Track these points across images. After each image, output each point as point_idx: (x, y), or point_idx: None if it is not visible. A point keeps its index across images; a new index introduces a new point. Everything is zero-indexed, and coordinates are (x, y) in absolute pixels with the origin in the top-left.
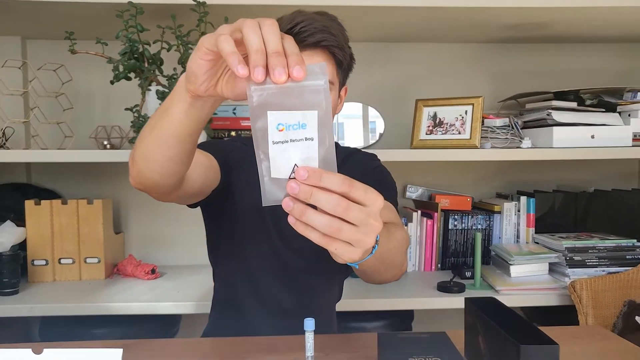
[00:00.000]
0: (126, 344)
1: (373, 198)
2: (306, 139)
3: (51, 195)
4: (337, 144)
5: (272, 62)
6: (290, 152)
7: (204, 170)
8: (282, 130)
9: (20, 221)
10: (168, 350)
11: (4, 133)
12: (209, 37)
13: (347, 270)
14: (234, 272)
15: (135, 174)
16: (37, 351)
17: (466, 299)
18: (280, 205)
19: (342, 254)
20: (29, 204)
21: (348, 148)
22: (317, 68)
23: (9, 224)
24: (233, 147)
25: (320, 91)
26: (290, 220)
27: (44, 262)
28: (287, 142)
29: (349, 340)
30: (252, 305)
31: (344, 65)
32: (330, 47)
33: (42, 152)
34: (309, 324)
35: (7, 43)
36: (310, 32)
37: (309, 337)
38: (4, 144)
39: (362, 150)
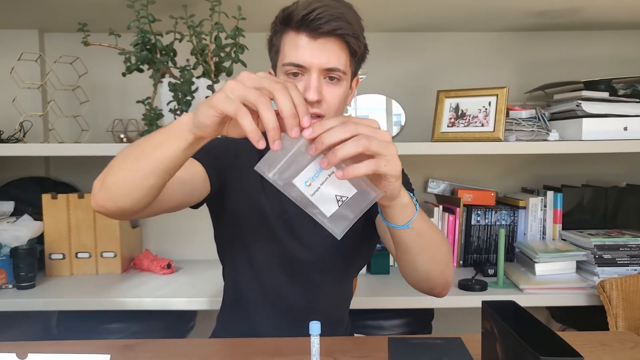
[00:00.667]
0: (128, 344)
1: (367, 120)
2: (329, 175)
3: (69, 189)
4: None
5: (288, 123)
6: (326, 192)
7: (182, 187)
8: (310, 184)
9: (38, 215)
10: (172, 351)
11: (22, 126)
12: (222, 98)
13: (358, 267)
14: (240, 270)
15: (104, 198)
16: (22, 356)
17: (483, 302)
18: (287, 205)
19: (389, 167)
20: (46, 198)
21: None
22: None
23: (26, 217)
24: (226, 148)
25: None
26: (338, 174)
27: (61, 256)
28: (319, 188)
29: (359, 344)
30: (259, 305)
31: (357, 55)
32: (345, 36)
33: (59, 146)
34: (315, 327)
35: (24, 36)
36: (326, 20)
37: (315, 342)
38: (22, 137)
39: None
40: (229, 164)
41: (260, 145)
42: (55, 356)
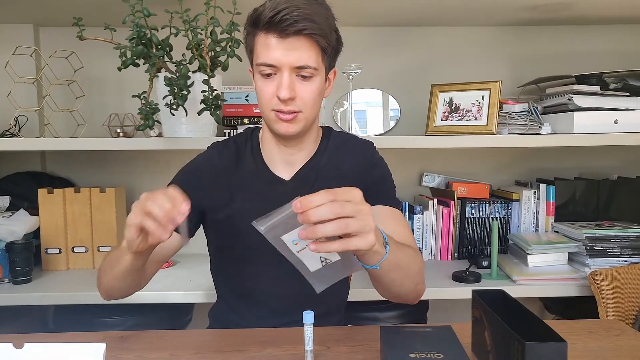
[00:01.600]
0: (123, 335)
1: (352, 193)
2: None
3: (65, 183)
4: (330, 129)
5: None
6: (312, 252)
7: (165, 249)
8: (297, 243)
9: (34, 209)
10: (166, 342)
11: (17, 121)
12: (131, 215)
13: None
14: (230, 267)
15: (105, 294)
16: (18, 345)
17: (473, 291)
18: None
19: (361, 244)
20: (42, 193)
21: (343, 133)
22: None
23: (22, 212)
24: (200, 171)
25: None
26: (312, 247)
27: (57, 251)
28: (304, 248)
29: (352, 333)
30: (251, 300)
31: (328, 51)
32: (312, 35)
33: (55, 140)
34: (308, 317)
35: (19, 30)
36: (292, 21)
37: (308, 331)
38: (18, 132)
39: (359, 137)
40: (206, 188)
41: (164, 237)
42: (51, 345)
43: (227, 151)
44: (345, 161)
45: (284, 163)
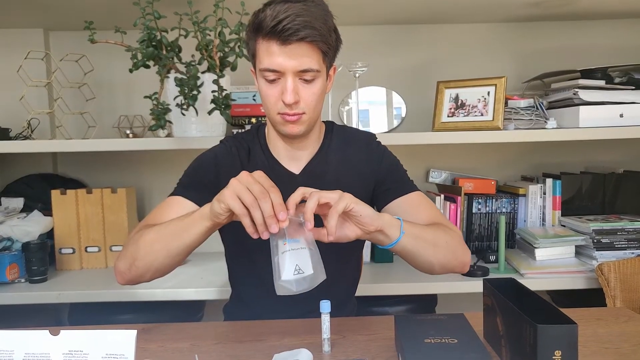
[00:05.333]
0: (145, 327)
1: (335, 196)
2: (301, 248)
3: (77, 184)
4: (333, 123)
5: (267, 222)
6: (292, 257)
7: None
8: (285, 243)
9: (47, 210)
10: (186, 334)
11: (29, 124)
12: (228, 196)
13: (359, 249)
14: (242, 263)
15: (134, 276)
16: (54, 332)
17: (484, 280)
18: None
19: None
20: (55, 194)
21: (345, 127)
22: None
23: (36, 213)
24: (205, 171)
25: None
26: (309, 226)
27: (71, 251)
28: (289, 250)
29: (366, 323)
30: (264, 294)
31: (329, 53)
32: (314, 42)
33: (66, 142)
34: (325, 306)
35: (29, 35)
36: (293, 30)
37: (325, 320)
38: (30, 135)
39: (360, 130)
40: (215, 182)
41: (254, 236)
42: (86, 332)
43: (239, 146)
44: (352, 154)
45: (291, 158)
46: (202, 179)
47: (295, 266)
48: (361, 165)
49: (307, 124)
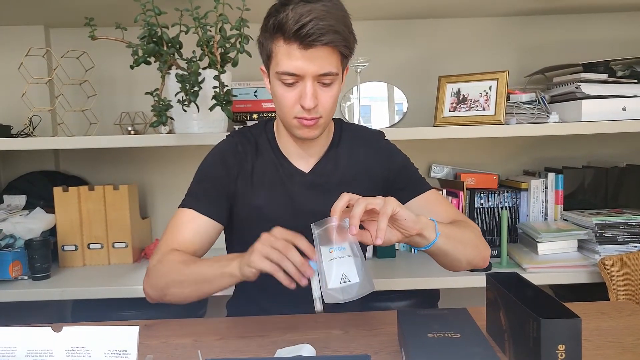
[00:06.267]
0: (147, 324)
1: (380, 201)
2: (347, 256)
3: (79, 182)
4: (341, 121)
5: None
6: (338, 266)
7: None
8: (332, 252)
9: (49, 208)
10: (189, 329)
11: (30, 121)
12: (257, 260)
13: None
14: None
15: (165, 301)
16: (57, 329)
17: (487, 274)
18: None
19: (386, 208)
20: (57, 191)
21: (354, 124)
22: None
23: (38, 210)
24: (215, 172)
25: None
26: (353, 230)
27: (73, 248)
28: (336, 258)
29: (369, 318)
30: (268, 287)
31: (348, 56)
32: (336, 46)
33: (68, 139)
34: (313, 264)
35: (30, 32)
36: (317, 36)
37: (315, 278)
38: (32, 132)
39: (368, 127)
40: (225, 183)
41: (292, 286)
42: (88, 328)
43: (247, 141)
44: (361, 152)
45: (300, 156)
46: (212, 186)
47: (342, 274)
48: (370, 164)
49: (323, 127)
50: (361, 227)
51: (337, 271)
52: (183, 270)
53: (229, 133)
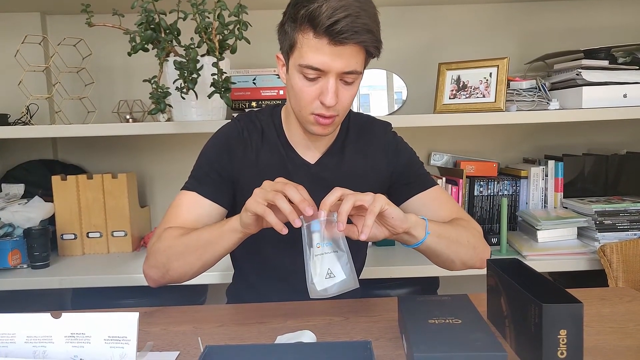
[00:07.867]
0: (148, 311)
1: (369, 198)
2: (334, 252)
3: (77, 170)
4: (350, 110)
5: (300, 207)
6: (325, 261)
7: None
8: (319, 247)
9: (48, 197)
10: (189, 317)
11: (28, 110)
12: (252, 203)
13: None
14: (247, 246)
15: (167, 282)
16: (56, 315)
17: (488, 261)
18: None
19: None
20: (55, 180)
21: (362, 115)
22: None
23: (37, 199)
24: (219, 157)
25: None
26: (339, 226)
27: (72, 236)
28: (323, 254)
29: (369, 305)
30: (267, 275)
31: (374, 55)
32: (367, 46)
33: (66, 127)
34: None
35: (26, 19)
36: (350, 34)
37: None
38: (29, 120)
39: (376, 118)
40: (229, 169)
41: (284, 231)
42: (87, 314)
43: (253, 127)
44: (367, 144)
45: (307, 147)
46: (215, 171)
47: (327, 270)
48: (377, 157)
49: (337, 125)
50: (349, 221)
51: (323, 267)
52: (183, 240)
53: (235, 115)
